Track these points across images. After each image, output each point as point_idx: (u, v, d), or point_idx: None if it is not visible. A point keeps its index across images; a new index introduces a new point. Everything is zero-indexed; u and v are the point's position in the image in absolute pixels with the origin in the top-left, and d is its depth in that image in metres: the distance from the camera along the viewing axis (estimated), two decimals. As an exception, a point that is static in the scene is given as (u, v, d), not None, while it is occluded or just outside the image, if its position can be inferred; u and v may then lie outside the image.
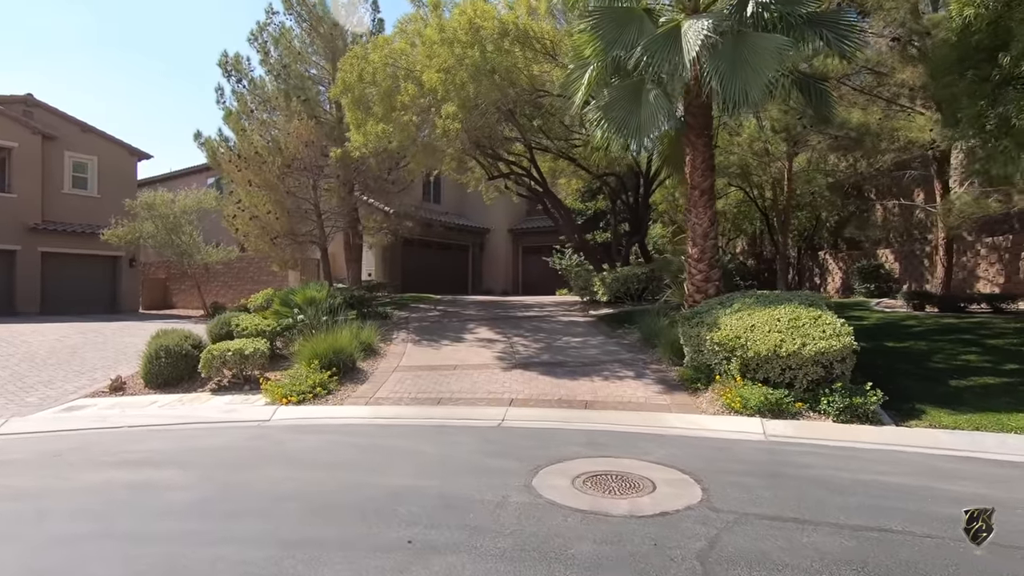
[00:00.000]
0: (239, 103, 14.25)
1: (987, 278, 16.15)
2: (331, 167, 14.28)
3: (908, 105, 14.35)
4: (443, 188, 26.10)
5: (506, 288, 26.64)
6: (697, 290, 9.31)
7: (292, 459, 5.18)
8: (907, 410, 6.30)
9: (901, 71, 12.87)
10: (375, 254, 22.37)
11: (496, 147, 13.77)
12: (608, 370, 8.51)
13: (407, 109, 10.21)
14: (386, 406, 7.34)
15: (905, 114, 14.05)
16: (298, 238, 14.38)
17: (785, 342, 6.57)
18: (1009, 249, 15.52)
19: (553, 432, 6.07)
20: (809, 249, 23.28)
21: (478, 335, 11.48)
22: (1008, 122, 5.64)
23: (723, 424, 6.30)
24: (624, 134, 8.50)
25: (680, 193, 22.75)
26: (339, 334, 9.12)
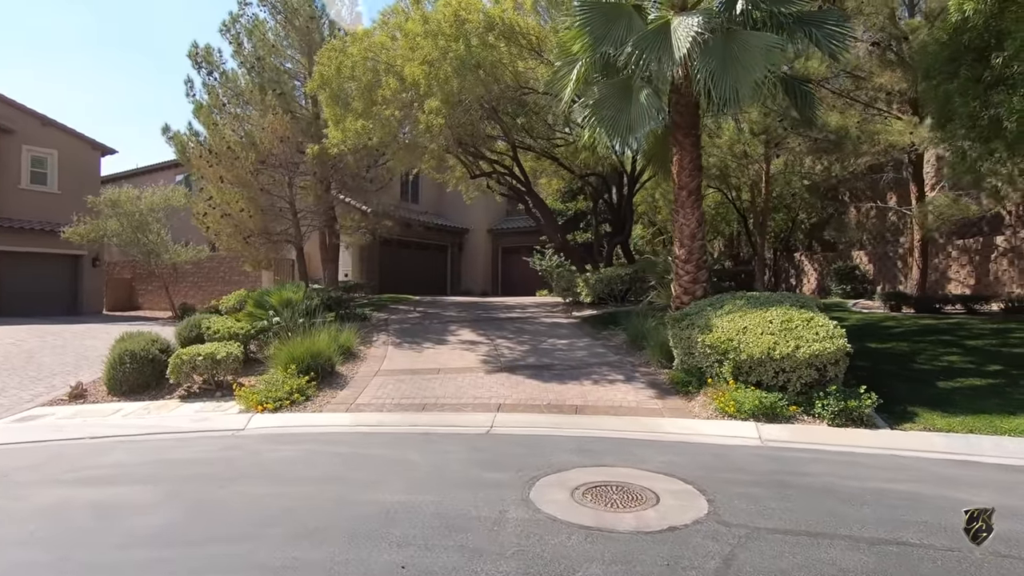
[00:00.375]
0: (210, 96, 13.68)
1: (958, 280, 16.52)
2: (307, 164, 13.81)
3: (885, 109, 14.58)
4: (421, 187, 25.70)
5: (485, 289, 26.37)
6: (684, 291, 9.20)
7: (271, 472, 4.83)
8: (899, 413, 6.25)
9: (880, 75, 13.04)
10: (352, 254, 21.88)
11: (478, 145, 13.50)
12: (597, 373, 8.32)
13: (388, 104, 9.88)
14: (368, 413, 7.02)
15: (882, 118, 14.25)
16: (272, 237, 13.87)
17: (779, 344, 6.47)
18: (979, 251, 15.89)
19: (544, 439, 5.84)
20: (785, 251, 23.59)
21: (461, 337, 11.20)
22: (999, 123, 5.64)
23: (718, 429, 6.17)
24: (614, 132, 8.34)
25: (659, 194, 22.94)
26: (317, 337, 8.74)
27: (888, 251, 19.14)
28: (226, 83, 14.38)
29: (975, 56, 5.86)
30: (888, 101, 14.58)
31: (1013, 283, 14.85)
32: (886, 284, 18.71)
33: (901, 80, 12.86)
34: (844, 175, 19.23)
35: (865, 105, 14.45)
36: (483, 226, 26.67)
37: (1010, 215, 15.39)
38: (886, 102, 14.62)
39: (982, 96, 5.75)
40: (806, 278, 22.72)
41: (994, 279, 15.35)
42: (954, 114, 6.16)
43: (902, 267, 18.30)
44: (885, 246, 19.27)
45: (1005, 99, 5.57)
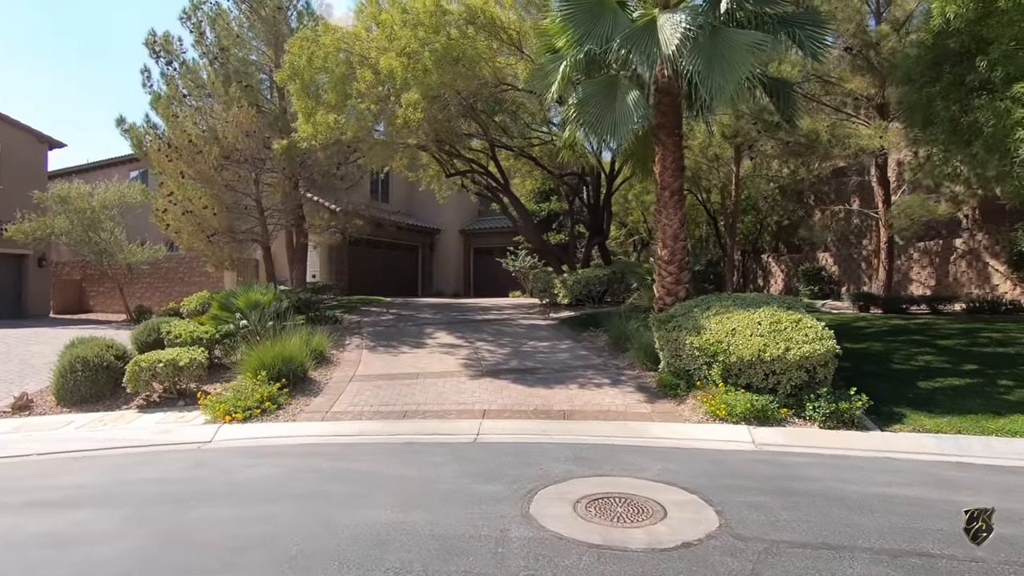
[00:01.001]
0: (169, 87, 12.93)
1: (920, 280, 17.06)
2: (275, 160, 13.23)
3: (852, 114, 14.93)
4: (392, 186, 25.17)
5: (457, 290, 26.00)
6: (667, 292, 9.11)
7: (244, 491, 4.44)
8: (887, 414, 6.26)
9: (850, 80, 13.32)
10: (320, 254, 21.22)
11: (454, 143, 13.17)
12: (582, 376, 8.14)
13: (363, 98, 9.48)
14: (346, 421, 6.64)
15: (851, 123, 14.59)
16: (238, 236, 13.22)
17: (769, 346, 6.40)
18: (939, 253, 16.44)
19: (535, 447, 5.60)
20: (753, 252, 24.02)
21: (438, 340, 10.86)
22: (980, 128, 5.70)
23: (710, 433, 6.04)
24: (599, 131, 8.18)
25: (632, 195, 23.04)
26: (288, 341, 8.28)
27: (852, 253, 19.65)
28: (187, 74, 13.65)
29: (957, 60, 5.93)
30: (856, 107, 14.94)
31: (971, 284, 15.40)
32: (851, 285, 19.20)
33: (870, 86, 13.18)
34: (810, 178, 19.71)
35: (835, 110, 14.76)
36: (455, 226, 26.30)
37: (967, 219, 15.96)
38: (854, 107, 14.98)
39: (963, 100, 5.81)
40: (773, 279, 23.19)
41: (953, 280, 15.90)
42: (936, 117, 6.22)
43: (866, 268, 18.81)
44: (849, 248, 19.78)
45: (986, 104, 5.64)
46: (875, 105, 14.00)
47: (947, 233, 16.31)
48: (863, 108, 14.75)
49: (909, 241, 16.61)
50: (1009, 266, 13.37)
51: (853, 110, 14.92)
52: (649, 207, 23.02)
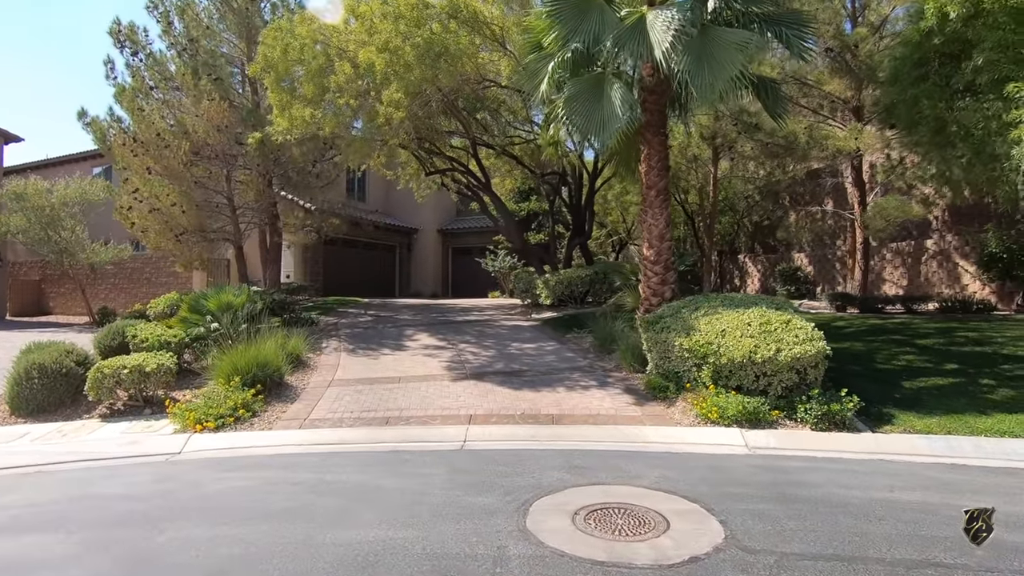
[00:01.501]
0: (134, 79, 12.33)
1: (892, 280, 17.40)
2: (248, 156, 12.75)
3: (828, 116, 15.13)
4: (369, 184, 24.70)
5: (435, 291, 25.65)
6: (653, 293, 9.01)
7: (218, 508, 4.13)
8: (876, 415, 6.24)
9: (829, 83, 13.47)
10: (294, 254, 20.67)
11: (436, 140, 12.89)
12: (569, 379, 7.97)
13: (342, 92, 9.14)
14: (326, 429, 6.34)
15: (827, 125, 14.78)
16: (208, 235, 12.70)
17: (760, 348, 6.32)
18: (911, 254, 16.78)
19: (526, 454, 5.40)
20: (730, 252, 24.26)
21: (420, 342, 10.59)
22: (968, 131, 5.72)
23: (702, 436, 5.93)
24: (586, 130, 8.01)
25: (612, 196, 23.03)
26: (263, 345, 7.92)
27: (827, 253, 19.98)
28: (154, 66, 13.06)
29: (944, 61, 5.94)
30: (832, 109, 15.16)
31: (942, 284, 15.76)
32: (825, 285, 19.51)
33: (847, 88, 13.35)
34: (786, 180, 19.98)
35: (812, 112, 14.94)
36: (433, 226, 25.94)
37: (936, 220, 16.33)
38: (830, 110, 15.20)
39: (949, 101, 5.82)
40: (750, 279, 23.46)
41: (925, 280, 16.25)
42: (921, 118, 6.23)
43: (840, 268, 19.13)
44: (824, 249, 20.10)
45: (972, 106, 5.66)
46: (851, 108, 14.20)
47: (918, 234, 16.67)
48: (839, 111, 14.97)
49: (882, 242, 16.93)
50: (979, 267, 13.70)
51: (829, 112, 15.13)
52: (628, 207, 23.05)
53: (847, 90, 13.36)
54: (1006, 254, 12.39)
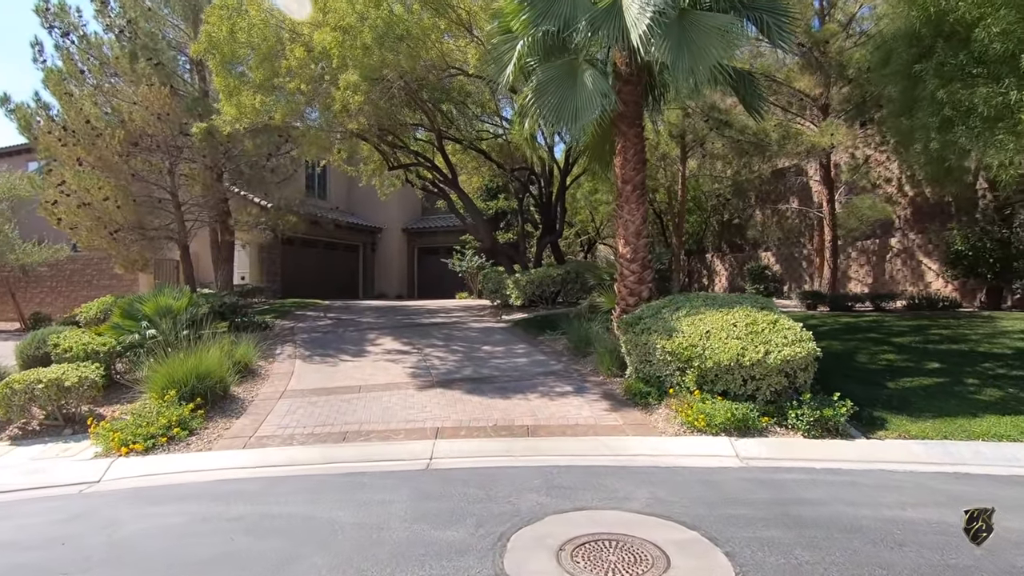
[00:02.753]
0: (65, 62, 11.22)
1: (858, 279, 17.55)
2: (195, 148, 11.79)
3: (797, 114, 15.10)
4: (330, 181, 23.69)
5: (401, 292, 24.83)
6: (630, 292, 8.58)
7: (129, 560, 3.42)
8: (867, 419, 5.92)
9: (799, 79, 13.38)
10: (250, 254, 19.58)
11: (399, 132, 12.20)
12: (544, 385, 7.45)
13: (294, 76, 8.40)
14: (274, 448, 5.64)
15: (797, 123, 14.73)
16: (149, 233, 11.67)
17: (747, 350, 5.93)
18: (876, 252, 16.94)
19: (500, 473, 4.84)
20: (698, 252, 24.27)
21: (382, 347, 9.90)
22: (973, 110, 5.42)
23: (690, 447, 5.49)
24: (560, 120, 7.49)
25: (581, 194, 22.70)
26: (205, 353, 7.12)
27: (794, 252, 20.09)
28: (87, 48, 11.94)
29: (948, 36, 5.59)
30: (801, 107, 15.14)
31: (906, 281, 15.93)
32: (792, 283, 19.62)
33: (816, 85, 13.28)
34: (753, 179, 20.04)
35: (782, 109, 14.86)
36: (398, 225, 25.10)
37: (899, 219, 16.53)
38: (799, 108, 15.17)
39: (958, 78, 5.49)
40: (718, 278, 23.50)
41: (889, 278, 16.41)
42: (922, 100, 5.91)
43: (807, 267, 19.26)
44: (791, 247, 20.22)
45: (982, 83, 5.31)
46: (820, 106, 14.18)
47: (882, 233, 16.84)
48: (808, 108, 14.95)
49: (848, 240, 17.06)
50: (945, 264, 13.82)
51: (798, 111, 15.10)
52: (598, 207, 22.77)
53: (816, 87, 13.30)
54: (972, 252, 12.49)
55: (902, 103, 6.45)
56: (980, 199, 14.01)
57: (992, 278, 12.63)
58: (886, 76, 6.83)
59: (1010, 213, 12.58)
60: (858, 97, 12.50)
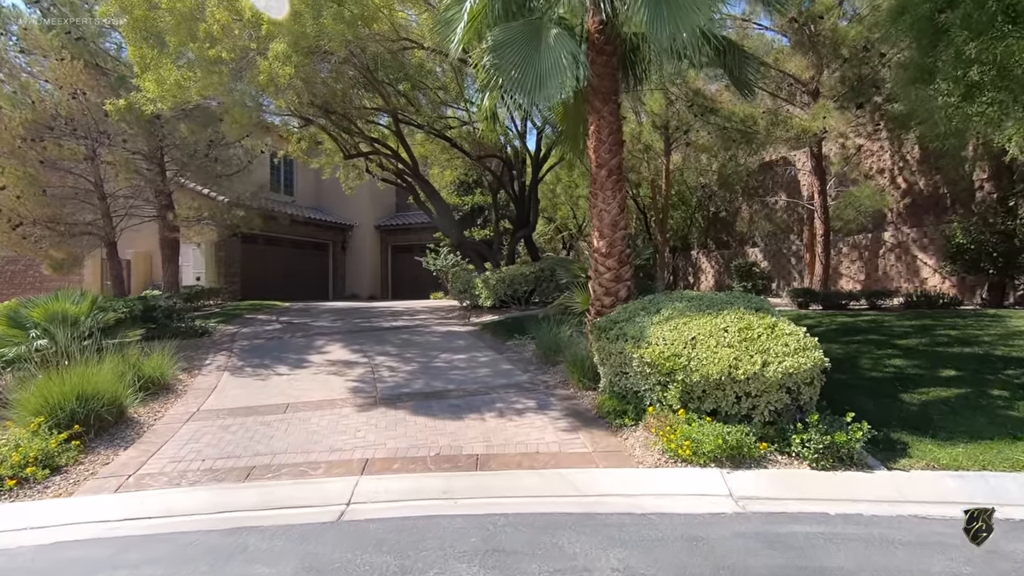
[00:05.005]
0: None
1: (849, 275, 16.72)
2: (125, 133, 10.53)
3: (786, 100, 14.20)
4: (297, 176, 22.40)
5: (373, 292, 23.61)
6: (606, 292, 7.53)
7: None
8: (884, 441, 4.92)
9: (789, 60, 12.46)
10: (206, 252, 18.25)
11: (352, 116, 11.03)
12: (503, 400, 6.37)
13: (215, 43, 7.22)
14: (153, 492, 4.48)
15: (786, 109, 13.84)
16: (73, 228, 10.39)
17: (741, 360, 4.90)
18: (868, 247, 16.11)
19: (431, 525, 3.76)
20: (683, 248, 23.40)
21: (329, 356, 8.75)
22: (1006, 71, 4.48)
23: (673, 483, 4.45)
24: (522, 87, 6.40)
25: (561, 188, 21.68)
26: (97, 368, 5.94)
27: (782, 248, 19.25)
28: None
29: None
30: (791, 93, 14.25)
31: (901, 278, 15.11)
32: (781, 280, 18.79)
33: (808, 67, 12.37)
34: (740, 171, 19.19)
35: (771, 95, 13.95)
36: (370, 222, 23.87)
37: (892, 212, 15.72)
38: (788, 93, 14.28)
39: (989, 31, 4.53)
40: (704, 276, 22.61)
41: (883, 274, 15.59)
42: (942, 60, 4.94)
43: (796, 263, 18.42)
44: (779, 243, 19.39)
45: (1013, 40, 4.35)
46: (810, 91, 13.29)
47: (874, 227, 16.03)
48: (798, 95, 14.07)
49: (838, 235, 16.24)
50: (945, 259, 12.99)
51: (787, 96, 14.21)
52: (579, 201, 21.76)
53: (807, 69, 12.38)
54: (973, 245, 11.66)
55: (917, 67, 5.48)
56: (977, 190, 13.25)
57: (994, 273, 11.81)
58: (900, 30, 5.86)
59: (1014, 204, 11.76)
60: (853, 78, 11.59)
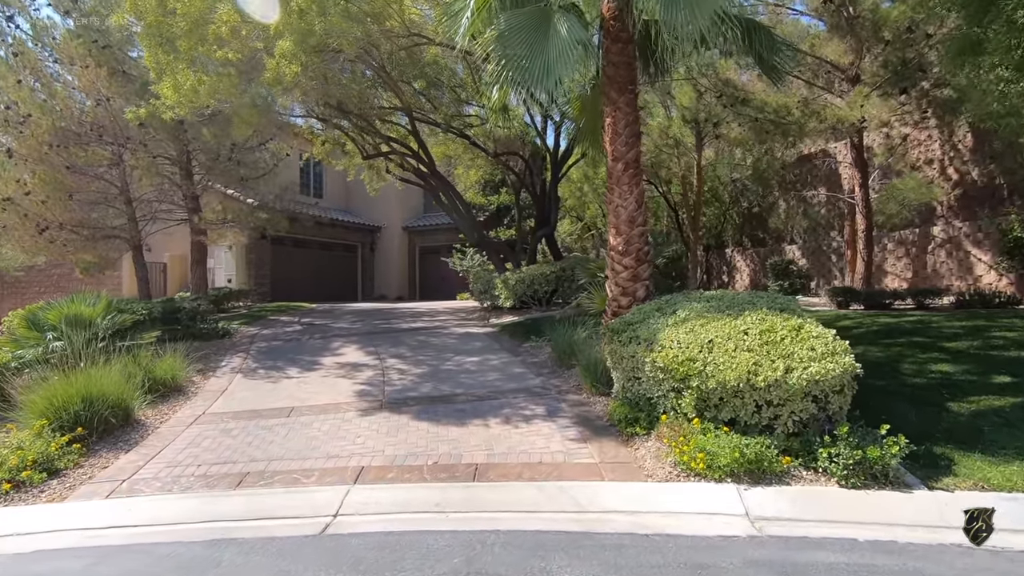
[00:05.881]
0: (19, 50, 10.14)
1: (895, 273, 15.75)
2: (150, 137, 10.73)
3: (823, 88, 13.44)
4: (326, 178, 22.66)
5: (401, 294, 23.67)
6: (622, 292, 7.17)
7: None
8: (924, 456, 4.43)
9: (824, 46, 11.76)
10: (237, 255, 18.62)
11: (369, 115, 10.95)
12: (511, 406, 6.09)
13: (223, 45, 7.20)
14: (144, 499, 4.39)
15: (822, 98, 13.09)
16: (96, 232, 10.64)
17: (761, 366, 4.49)
18: (916, 243, 15.12)
19: (415, 542, 3.52)
20: (716, 247, 22.63)
21: (341, 358, 8.65)
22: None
23: (684, 500, 4.09)
24: (527, 78, 6.11)
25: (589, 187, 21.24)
26: (106, 370, 5.96)
27: (821, 244, 18.33)
28: (42, 34, 10.97)
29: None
30: (828, 81, 13.49)
31: (952, 275, 14.10)
32: (821, 279, 17.88)
33: (847, 51, 11.63)
34: (775, 166, 18.40)
35: (806, 83, 13.23)
36: (398, 223, 23.95)
37: (941, 206, 14.71)
38: (825, 81, 13.52)
39: None
40: (739, 274, 21.78)
41: (932, 272, 14.60)
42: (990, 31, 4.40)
43: (837, 261, 17.50)
44: (818, 239, 18.48)
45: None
46: (849, 78, 12.53)
47: (922, 221, 15.04)
48: (836, 82, 13.29)
49: (882, 231, 15.33)
50: (1002, 254, 12.04)
51: (825, 84, 13.45)
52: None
53: (846, 54, 11.63)
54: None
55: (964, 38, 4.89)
56: (1038, 179, 12.25)
57: (1058, 269, 10.85)
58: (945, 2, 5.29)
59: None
60: (896, 62, 10.81)
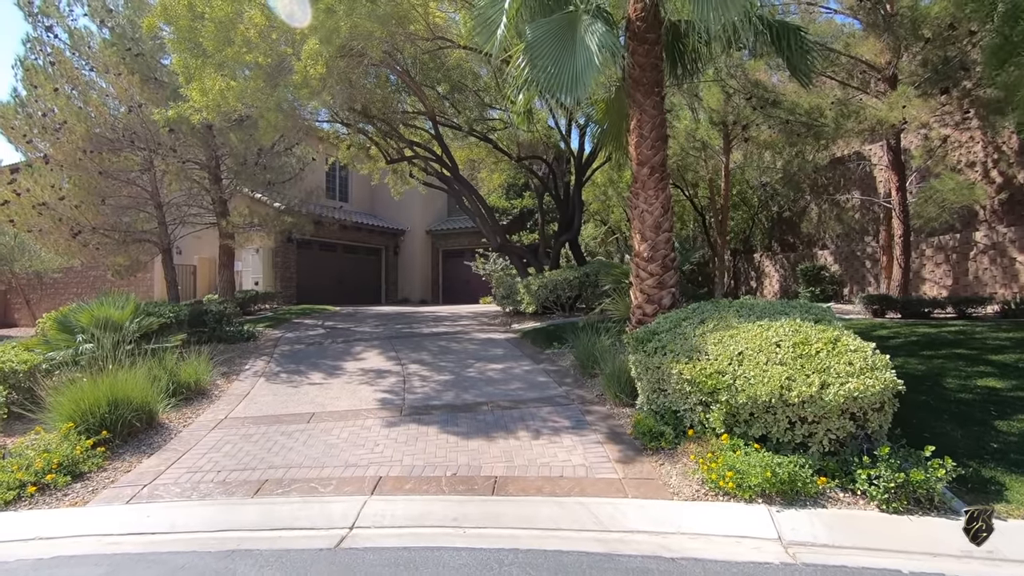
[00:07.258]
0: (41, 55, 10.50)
1: (933, 280, 15.14)
2: (181, 143, 10.93)
3: (859, 88, 12.99)
4: (351, 182, 22.91)
5: (424, 297, 23.75)
6: (648, 300, 7.00)
7: None
8: (972, 479, 4.16)
9: (860, 45, 11.35)
10: (264, 258, 18.91)
11: (393, 120, 10.96)
12: (534, 416, 5.96)
13: (251, 47, 7.26)
14: (162, 505, 4.39)
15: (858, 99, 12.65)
16: (127, 235, 10.87)
17: (795, 381, 4.27)
18: (956, 249, 14.51)
19: (430, 559, 3.42)
20: (744, 251, 22.12)
21: (363, 364, 8.63)
22: None
23: (710, 521, 3.89)
24: (555, 86, 5.98)
25: (614, 191, 20.99)
26: (130, 373, 6.02)
27: (855, 250, 17.74)
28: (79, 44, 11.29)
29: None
30: (864, 81, 13.03)
31: (996, 283, 13.48)
32: (854, 286, 17.31)
33: (884, 50, 11.20)
34: (807, 169, 17.90)
35: (840, 83, 12.81)
36: (421, 226, 24.06)
37: (984, 210, 14.08)
38: (860, 82, 13.07)
39: None
40: (767, 280, 21.24)
41: (974, 279, 13.98)
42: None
43: (871, 267, 16.92)
44: (851, 245, 17.88)
45: None
46: (886, 77, 12.07)
47: (963, 226, 14.42)
48: (872, 82, 12.83)
49: (920, 236, 14.75)
50: (1050, 261, 11.43)
51: (860, 85, 13.00)
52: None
53: (883, 53, 11.21)
54: (1086, 246, 10.15)
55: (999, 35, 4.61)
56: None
57: (1113, 278, 10.24)
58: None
59: None
60: (937, 61, 10.37)
